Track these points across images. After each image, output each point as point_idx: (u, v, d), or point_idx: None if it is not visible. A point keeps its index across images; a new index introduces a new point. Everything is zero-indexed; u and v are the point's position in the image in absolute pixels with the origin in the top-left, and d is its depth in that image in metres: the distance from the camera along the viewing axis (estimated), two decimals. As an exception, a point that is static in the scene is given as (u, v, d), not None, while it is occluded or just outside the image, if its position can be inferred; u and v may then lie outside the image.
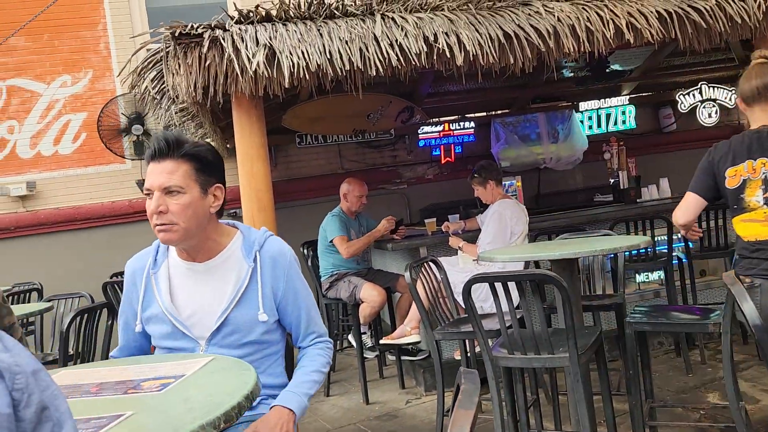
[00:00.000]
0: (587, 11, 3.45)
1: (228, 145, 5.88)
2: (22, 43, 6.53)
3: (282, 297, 1.79)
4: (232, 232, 1.85)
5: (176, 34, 3.13)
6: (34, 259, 6.31)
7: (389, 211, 5.66)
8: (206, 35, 3.12)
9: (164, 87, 3.52)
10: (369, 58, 3.10)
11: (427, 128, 6.55)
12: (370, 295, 4.25)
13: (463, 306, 2.67)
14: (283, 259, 1.81)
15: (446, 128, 6.58)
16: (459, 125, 6.59)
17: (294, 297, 1.81)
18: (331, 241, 4.43)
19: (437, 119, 6.57)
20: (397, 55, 3.14)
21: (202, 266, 1.78)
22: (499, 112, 6.97)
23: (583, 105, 6.80)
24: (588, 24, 3.41)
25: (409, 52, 3.15)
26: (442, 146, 6.58)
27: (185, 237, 1.69)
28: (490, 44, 3.26)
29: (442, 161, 6.65)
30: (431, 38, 3.20)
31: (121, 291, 4.62)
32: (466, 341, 3.31)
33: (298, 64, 3.06)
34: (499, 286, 2.42)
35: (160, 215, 1.65)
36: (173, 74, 3.18)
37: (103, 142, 6.30)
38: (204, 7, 7.37)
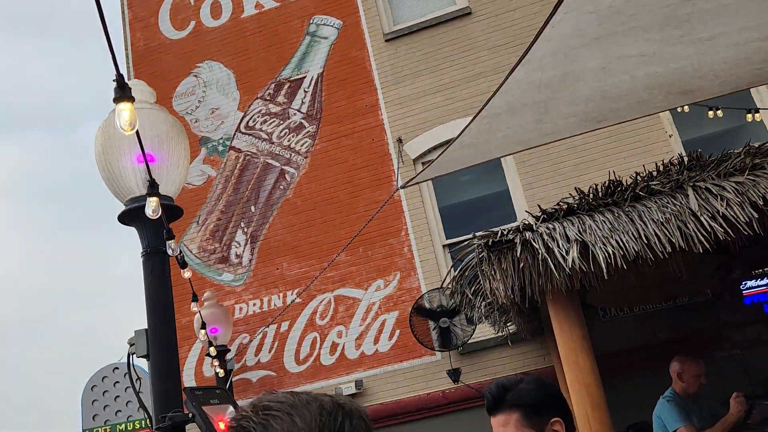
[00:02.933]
0: None
1: (530, 326, 5.87)
2: (344, 257, 7.65)
3: None
4: None
5: (489, 243, 3.34)
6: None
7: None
8: (517, 239, 3.28)
9: (479, 289, 3.71)
10: (690, 236, 2.91)
11: (750, 282, 5.78)
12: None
13: None
14: None
15: (776, 279, 5.73)
16: (792, 274, 5.69)
17: None
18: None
19: (762, 270, 5.79)
20: (722, 226, 2.90)
21: None
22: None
23: None
24: None
25: (737, 221, 2.90)
26: (775, 300, 5.70)
27: None
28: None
29: (780, 318, 5.71)
30: (760, 202, 2.91)
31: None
32: None
33: (614, 253, 3.00)
34: None
35: None
36: (489, 279, 3.36)
37: (415, 337, 6.80)
38: (487, 198, 7.96)
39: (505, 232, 3.37)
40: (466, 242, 3.86)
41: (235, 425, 0.77)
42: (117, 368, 14.19)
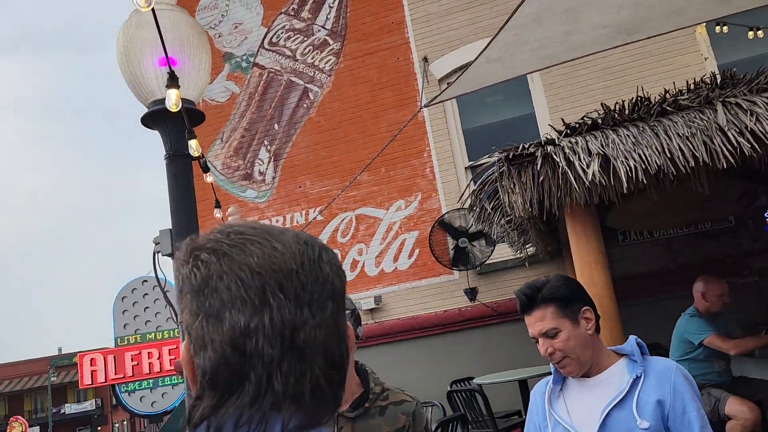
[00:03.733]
0: None
1: (549, 248, 5.91)
2: (365, 177, 7.69)
3: (670, 409, 1.76)
4: (615, 354, 1.91)
5: (510, 156, 3.33)
6: (380, 366, 7.01)
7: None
8: (538, 153, 3.26)
9: (499, 204, 3.73)
10: (716, 151, 2.87)
11: (775, 210, 5.71)
12: (739, 411, 3.68)
13: None
14: (668, 372, 1.82)
15: (802, 208, 5.64)
16: (820, 203, 5.59)
17: (682, 412, 1.75)
18: (700, 344, 3.95)
19: (789, 199, 5.68)
20: (749, 142, 2.85)
21: (591, 380, 1.89)
22: None
23: None
24: None
25: (765, 136, 2.83)
26: (799, 229, 5.62)
27: (581, 365, 1.85)
28: None
29: (802, 246, 5.66)
30: (791, 117, 2.84)
31: (463, 401, 4.84)
32: None
33: (636, 167, 2.97)
34: None
35: (551, 356, 1.87)
36: (509, 193, 3.36)
37: (434, 256, 6.90)
38: (512, 121, 7.84)
39: (526, 146, 3.34)
40: (486, 162, 3.84)
41: (200, 245, 0.68)
42: (146, 281, 14.72)
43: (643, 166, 2.96)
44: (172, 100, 2.19)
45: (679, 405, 1.76)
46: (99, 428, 50.56)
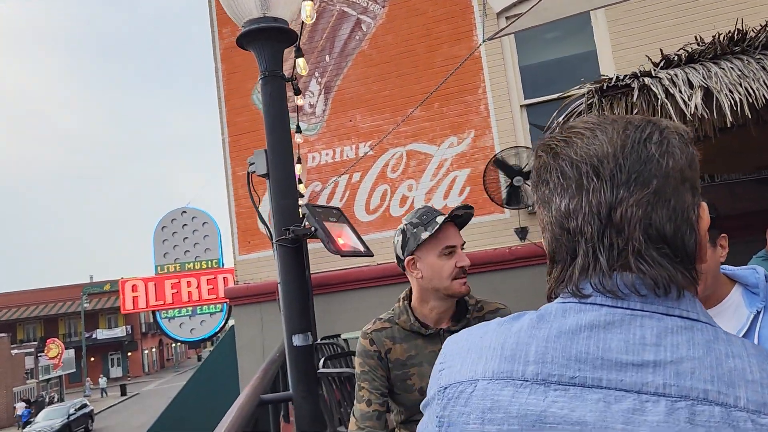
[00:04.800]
0: None
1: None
2: (418, 113, 7.61)
3: None
4: (728, 281, 1.86)
5: (603, 88, 3.26)
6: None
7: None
8: (634, 84, 3.19)
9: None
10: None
11: None
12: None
13: None
14: None
15: None
16: None
17: None
18: None
19: None
20: None
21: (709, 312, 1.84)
22: None
23: None
24: None
25: None
26: None
27: (704, 291, 1.77)
28: None
29: None
30: None
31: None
32: None
33: (741, 101, 2.90)
34: None
35: None
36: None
37: (487, 194, 6.90)
38: (571, 59, 7.64)
39: (620, 77, 3.27)
40: (572, 95, 3.76)
41: (540, 143, 0.78)
42: (185, 212, 14.98)
43: (750, 100, 2.89)
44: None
45: None
46: (129, 354, 52.60)
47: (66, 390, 42.13)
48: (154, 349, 58.00)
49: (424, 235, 1.89)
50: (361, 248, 2.93)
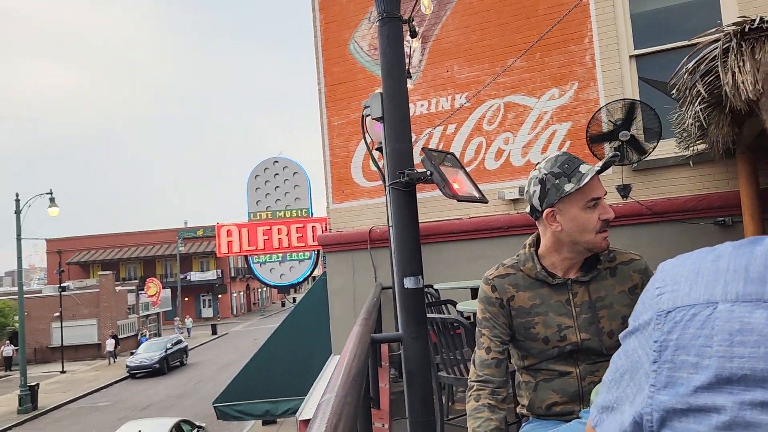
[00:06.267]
0: None
1: (731, 146, 5.50)
2: (518, 63, 7.37)
3: None
4: None
5: (744, 30, 3.01)
6: (522, 255, 7.05)
7: None
8: (780, 27, 2.92)
9: (711, 87, 3.44)
10: None
11: None
12: None
13: None
14: None
15: None
16: None
17: None
18: None
19: None
20: None
21: None
22: None
23: None
24: None
25: None
26: None
27: None
28: None
29: None
30: None
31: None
32: None
33: None
34: None
35: None
36: (734, 72, 3.08)
37: (589, 149, 6.64)
38: (688, 6, 7.11)
39: (765, 19, 3.00)
40: (701, 42, 3.50)
41: None
42: (276, 161, 15.39)
43: None
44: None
45: None
46: (219, 296, 55.53)
47: (162, 326, 45.15)
48: (241, 293, 60.94)
49: (568, 186, 1.78)
50: (476, 194, 2.89)
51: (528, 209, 1.94)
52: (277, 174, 15.30)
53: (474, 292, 5.53)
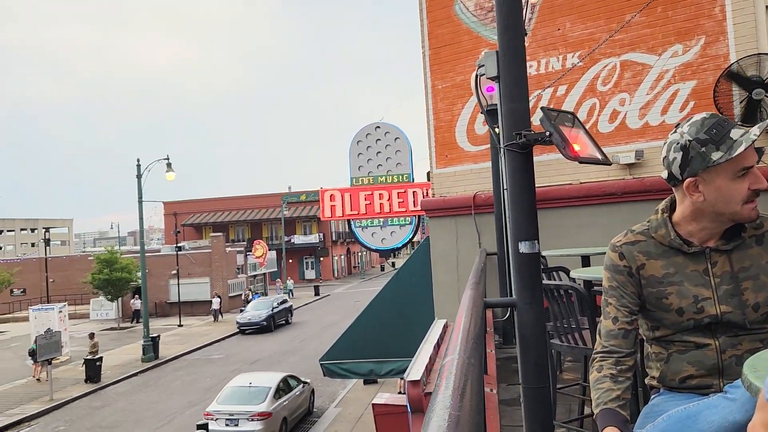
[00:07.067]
0: None
1: None
2: (637, 18, 6.90)
3: None
4: None
5: None
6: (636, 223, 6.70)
7: None
8: None
9: None
10: None
11: None
12: None
13: None
14: None
15: None
16: None
17: None
18: None
19: None
20: None
21: None
22: None
23: None
24: None
25: None
26: None
27: None
28: None
29: None
30: None
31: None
32: None
33: None
34: None
35: None
36: None
37: (716, 109, 6.14)
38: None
39: None
40: None
41: None
42: (378, 127, 15.48)
43: None
44: None
45: None
46: (321, 259, 57.36)
47: (268, 287, 47.37)
48: (342, 256, 62.61)
49: (716, 155, 1.60)
50: (599, 155, 2.73)
51: (665, 175, 1.77)
52: (378, 139, 15.40)
53: (585, 260, 5.33)
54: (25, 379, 21.49)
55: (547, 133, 2.63)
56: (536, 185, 2.86)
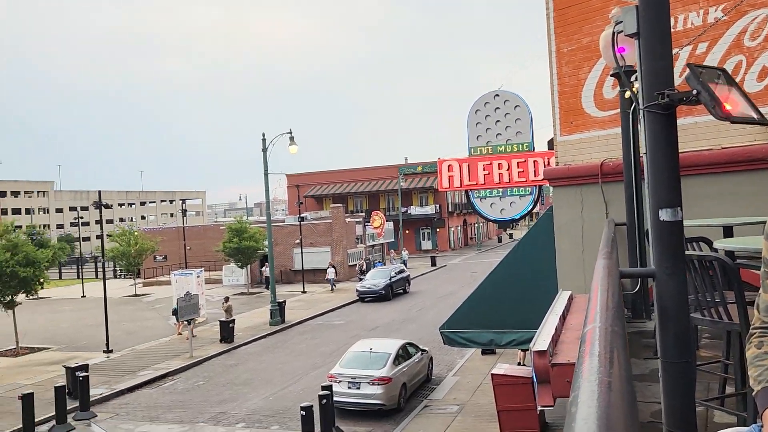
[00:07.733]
0: None
1: None
2: (794, -38, 6.18)
3: None
4: None
5: None
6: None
7: None
8: None
9: None
10: None
11: None
12: None
13: None
14: None
15: None
16: None
17: None
18: None
19: None
20: None
21: None
22: None
23: None
24: None
25: None
26: None
27: None
28: None
29: None
30: None
31: None
32: None
33: None
34: None
35: None
36: None
37: None
38: None
39: None
40: None
41: None
42: (497, 95, 15.12)
43: None
44: None
45: None
46: (437, 230, 57.55)
47: (386, 256, 48.33)
48: (458, 228, 62.42)
49: None
50: (753, 114, 2.50)
51: None
52: (497, 108, 15.05)
53: (727, 231, 4.94)
54: (168, 338, 23.57)
55: (695, 92, 2.44)
56: (674, 150, 2.67)
